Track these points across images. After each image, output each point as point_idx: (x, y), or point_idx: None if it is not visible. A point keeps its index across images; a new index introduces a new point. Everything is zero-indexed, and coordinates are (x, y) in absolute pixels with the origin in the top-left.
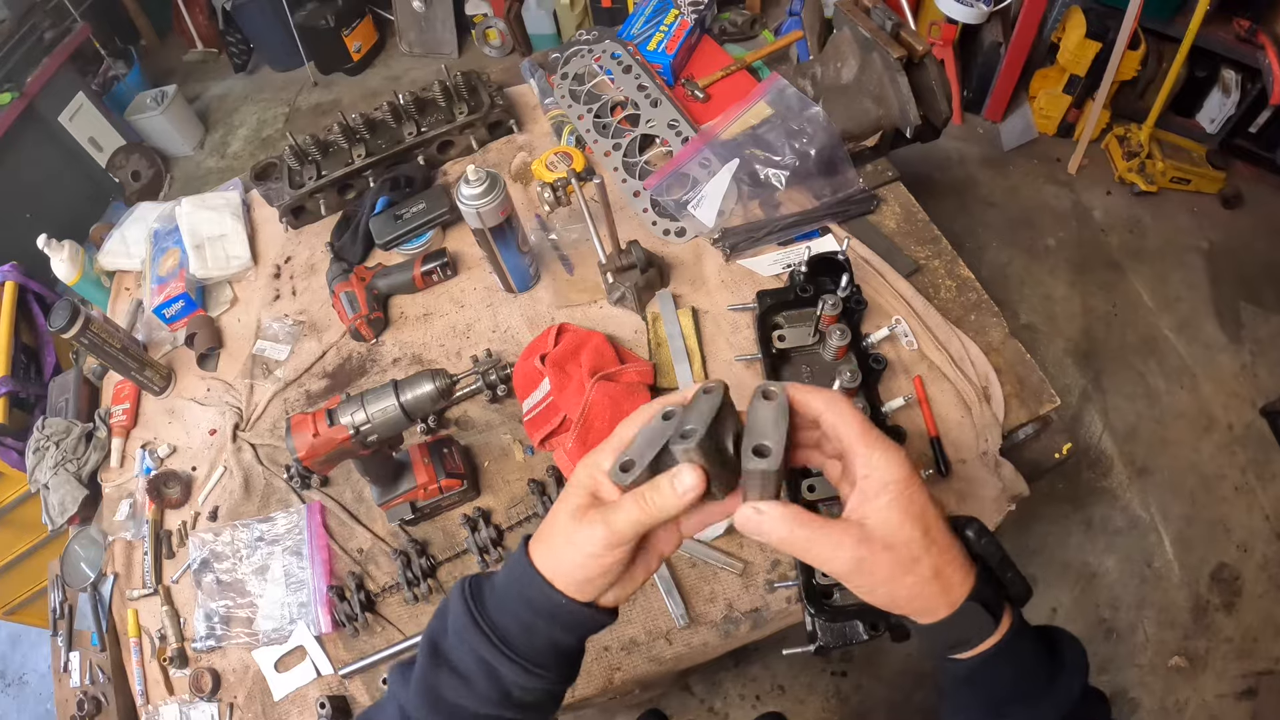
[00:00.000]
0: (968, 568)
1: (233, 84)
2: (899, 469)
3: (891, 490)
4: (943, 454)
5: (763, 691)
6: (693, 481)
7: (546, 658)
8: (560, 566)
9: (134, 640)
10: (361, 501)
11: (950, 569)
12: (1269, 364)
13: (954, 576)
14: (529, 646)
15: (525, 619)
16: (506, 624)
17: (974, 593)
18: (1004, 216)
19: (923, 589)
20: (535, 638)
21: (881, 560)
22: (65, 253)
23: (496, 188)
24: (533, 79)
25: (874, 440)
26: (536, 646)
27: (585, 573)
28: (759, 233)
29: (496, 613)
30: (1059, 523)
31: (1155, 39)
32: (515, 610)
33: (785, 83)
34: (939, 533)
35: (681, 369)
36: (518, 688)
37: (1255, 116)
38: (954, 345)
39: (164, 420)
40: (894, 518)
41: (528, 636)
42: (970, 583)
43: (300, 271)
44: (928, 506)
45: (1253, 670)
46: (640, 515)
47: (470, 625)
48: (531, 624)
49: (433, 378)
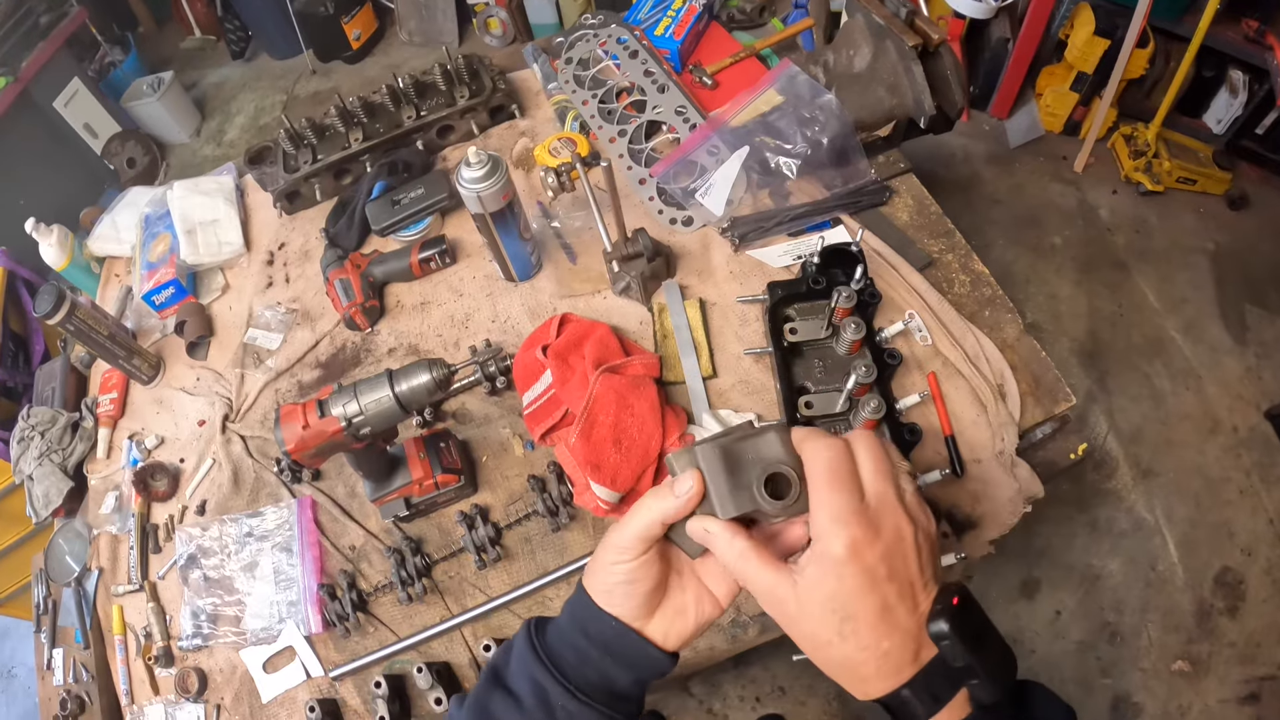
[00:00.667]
0: (901, 667)
1: (230, 71)
2: (836, 541)
3: (823, 563)
4: (957, 453)
5: (763, 693)
6: (689, 484)
7: (597, 690)
8: (595, 578)
9: (119, 638)
10: (354, 497)
11: (868, 667)
12: (1274, 367)
13: (870, 674)
14: (580, 675)
15: (580, 646)
16: (562, 650)
17: (889, 695)
18: (1009, 214)
19: (834, 671)
20: (588, 666)
21: (796, 625)
22: (54, 237)
23: (498, 171)
24: (536, 64)
25: (828, 500)
26: (589, 677)
27: (609, 577)
28: (769, 223)
29: (555, 641)
30: (1064, 524)
31: (1163, 38)
32: (571, 638)
33: (797, 69)
34: (866, 628)
35: (689, 362)
36: (564, 712)
37: (1262, 117)
38: (968, 341)
39: (152, 410)
40: (816, 595)
41: (581, 664)
42: (893, 684)
43: (294, 258)
44: (858, 597)
45: (1255, 675)
46: (648, 514)
47: (528, 650)
48: (585, 651)
49: (430, 368)
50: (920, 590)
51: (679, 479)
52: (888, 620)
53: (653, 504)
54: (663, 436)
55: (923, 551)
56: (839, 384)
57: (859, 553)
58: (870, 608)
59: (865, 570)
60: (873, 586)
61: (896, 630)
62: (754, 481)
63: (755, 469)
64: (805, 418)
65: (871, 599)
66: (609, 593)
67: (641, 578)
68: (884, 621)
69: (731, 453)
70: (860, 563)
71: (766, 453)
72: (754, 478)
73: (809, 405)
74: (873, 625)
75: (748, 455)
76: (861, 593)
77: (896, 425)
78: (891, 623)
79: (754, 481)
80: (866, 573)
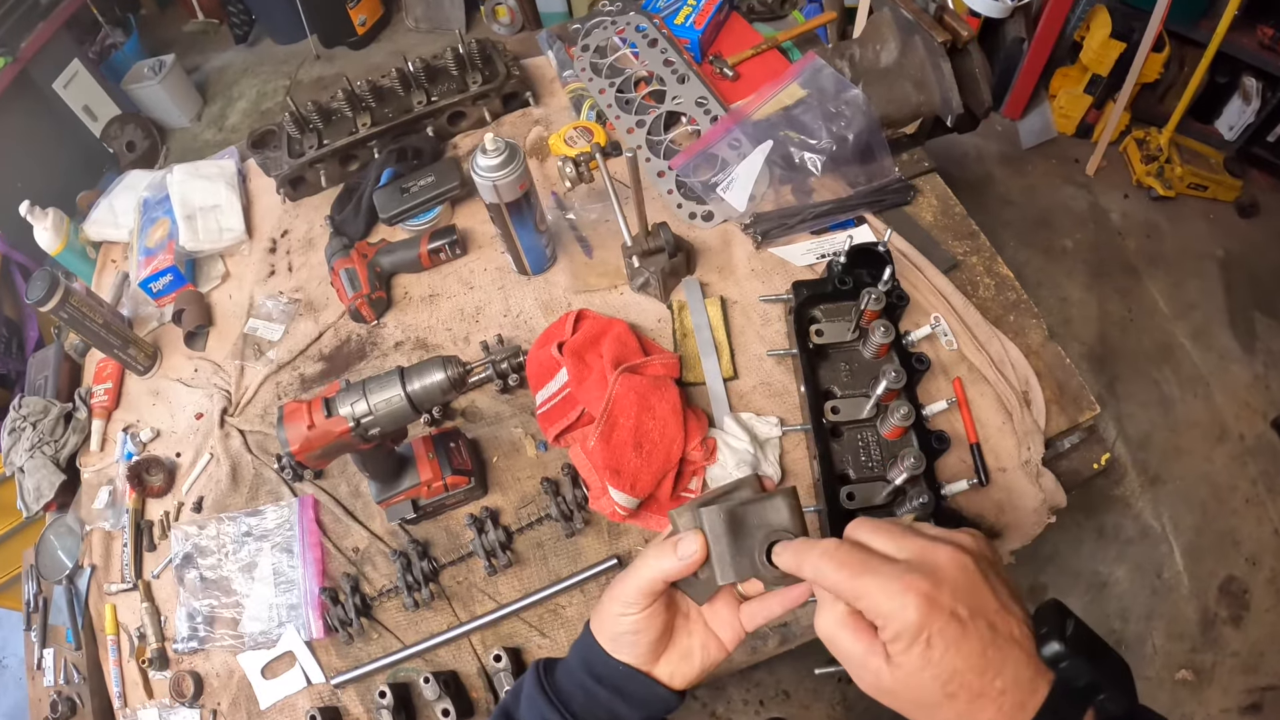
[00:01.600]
0: (1024, 700)
1: (233, 55)
2: (910, 612)
3: (904, 640)
4: (983, 462)
5: (767, 697)
6: (693, 548)
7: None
8: (602, 627)
9: (111, 638)
10: (358, 496)
11: (988, 712)
12: None
13: (992, 716)
14: (590, 714)
15: (588, 686)
16: (572, 691)
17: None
18: (1021, 216)
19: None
20: (596, 707)
21: (900, 699)
22: (49, 221)
23: (516, 159)
24: (550, 50)
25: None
26: (598, 715)
27: (616, 627)
28: (792, 220)
29: (564, 682)
30: (1071, 530)
31: (1178, 42)
32: (579, 678)
33: (822, 63)
34: (973, 676)
35: (709, 362)
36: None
37: (1274, 125)
38: (994, 346)
39: (148, 402)
40: (908, 665)
41: (589, 703)
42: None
43: (297, 246)
44: (952, 648)
45: (1258, 685)
46: (651, 571)
47: (538, 691)
48: (593, 691)
49: (444, 366)
50: (1009, 616)
51: (683, 540)
52: (992, 660)
53: (655, 563)
54: (684, 440)
55: (990, 576)
56: (865, 389)
57: (935, 604)
58: (969, 654)
59: (947, 619)
60: (963, 633)
61: (1006, 665)
62: (756, 548)
63: (759, 534)
64: (831, 423)
65: (966, 645)
66: (615, 640)
67: (646, 628)
68: (989, 663)
69: (736, 516)
70: (940, 615)
71: (771, 518)
72: (757, 543)
73: (835, 410)
74: (980, 671)
75: (751, 520)
76: (954, 644)
77: (924, 432)
78: (998, 661)
79: (756, 548)
80: (951, 622)
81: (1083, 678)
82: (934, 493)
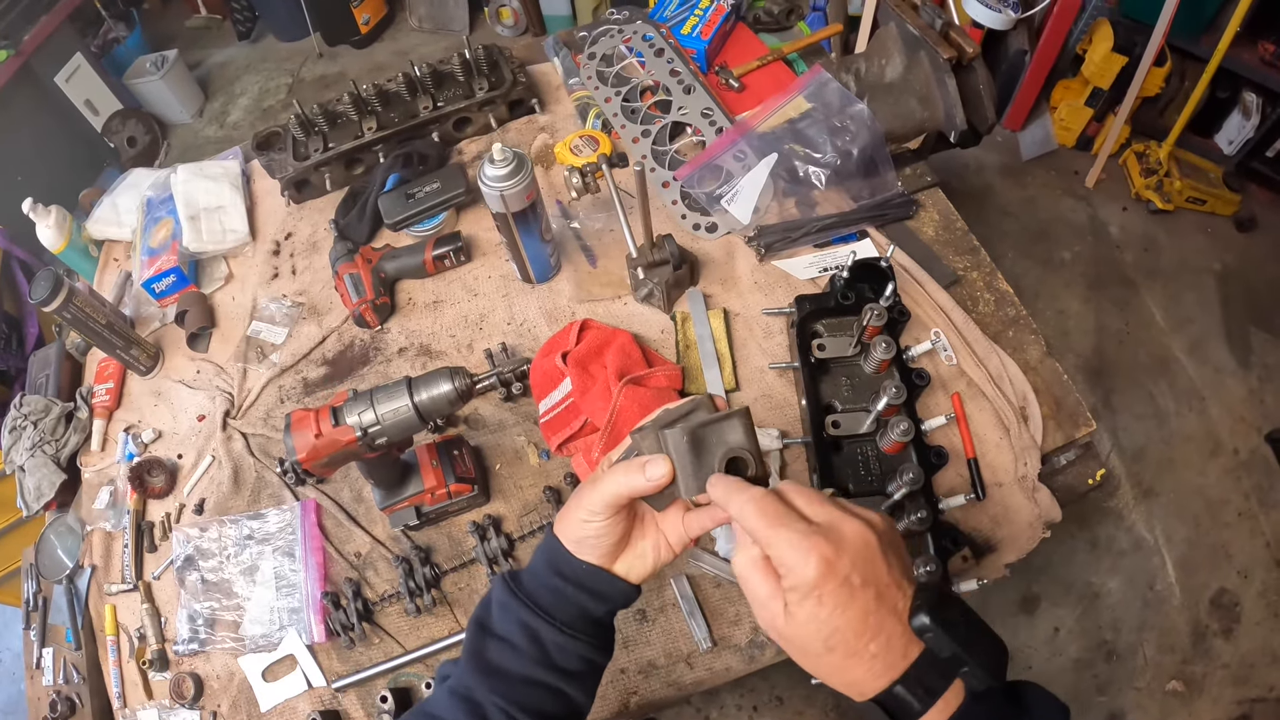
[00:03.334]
0: (891, 665)
1: (235, 52)
2: (809, 569)
3: (799, 592)
4: (979, 477)
5: (760, 702)
6: (661, 471)
7: (578, 621)
8: (568, 531)
9: (111, 639)
10: (361, 501)
11: (858, 670)
12: (1276, 390)
13: (861, 676)
14: (561, 610)
15: (554, 584)
16: (540, 592)
17: (882, 694)
18: (1020, 227)
19: (826, 677)
20: (565, 602)
21: (790, 640)
22: (51, 219)
23: (523, 169)
24: (557, 58)
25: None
26: (569, 611)
27: (581, 532)
28: (796, 233)
29: (530, 584)
30: (1065, 541)
31: (1179, 56)
32: (544, 578)
33: (828, 77)
34: (851, 636)
35: (711, 374)
36: (555, 648)
37: (1274, 140)
38: (992, 362)
39: (149, 403)
40: (800, 616)
41: (558, 600)
42: (885, 682)
43: (301, 249)
44: (839, 613)
45: (1248, 697)
46: (619, 487)
47: (510, 597)
48: (560, 589)
49: (451, 377)
50: (896, 590)
51: (652, 462)
52: (872, 625)
53: (623, 479)
54: None
55: (889, 553)
56: (866, 403)
57: (831, 567)
58: (852, 618)
59: (840, 582)
60: (850, 597)
61: (881, 632)
62: (716, 465)
63: (718, 452)
64: (832, 437)
65: (852, 610)
66: (580, 543)
67: (609, 532)
68: (867, 627)
69: (697, 437)
70: (834, 577)
71: (729, 437)
72: (716, 460)
73: (836, 424)
74: (858, 633)
75: (711, 439)
76: (841, 606)
77: (923, 447)
78: (875, 626)
79: (716, 465)
80: (842, 585)
81: (946, 650)
82: (931, 507)
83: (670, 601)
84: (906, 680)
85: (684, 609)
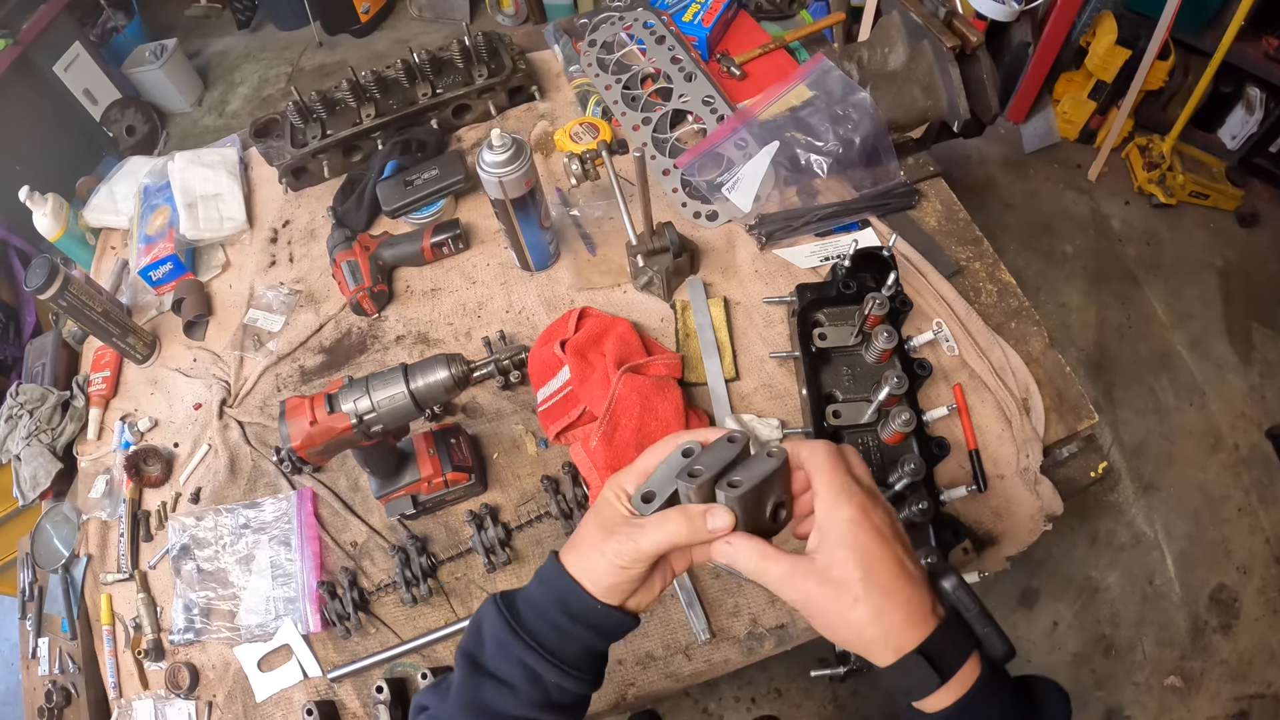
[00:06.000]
0: (924, 618)
1: (235, 41)
2: (848, 508)
3: (839, 527)
4: (981, 468)
5: (759, 694)
6: (725, 522)
7: (582, 660)
8: (592, 574)
9: (107, 628)
10: (357, 490)
11: (896, 616)
12: (1277, 386)
13: (899, 624)
14: (567, 651)
15: (562, 625)
16: (544, 632)
17: (923, 645)
18: (1022, 220)
19: (862, 631)
20: (571, 642)
21: (823, 595)
22: (48, 207)
23: (522, 156)
24: (557, 45)
25: (832, 481)
26: (573, 651)
27: (613, 579)
28: (797, 221)
29: (532, 622)
30: (1065, 535)
31: (1183, 50)
32: (552, 618)
33: (831, 65)
34: (887, 576)
35: (711, 363)
36: (557, 689)
37: (1277, 136)
38: (995, 353)
39: (146, 391)
40: (837, 556)
41: (564, 641)
42: (921, 634)
43: (299, 237)
44: (874, 548)
45: (1245, 693)
46: (666, 540)
47: (510, 635)
48: (568, 630)
49: (448, 364)
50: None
51: (714, 513)
52: (903, 573)
53: (682, 530)
54: None
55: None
56: (867, 393)
57: (867, 513)
58: (888, 559)
59: (875, 528)
60: (884, 543)
61: (913, 581)
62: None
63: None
64: (832, 427)
65: (886, 553)
66: (610, 589)
67: (641, 576)
68: (901, 573)
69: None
70: (870, 521)
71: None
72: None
73: (836, 415)
74: (894, 574)
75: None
76: (877, 546)
77: (924, 438)
78: (908, 574)
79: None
80: (876, 531)
81: (972, 606)
82: (933, 498)
83: (669, 593)
84: (940, 634)
85: (682, 600)
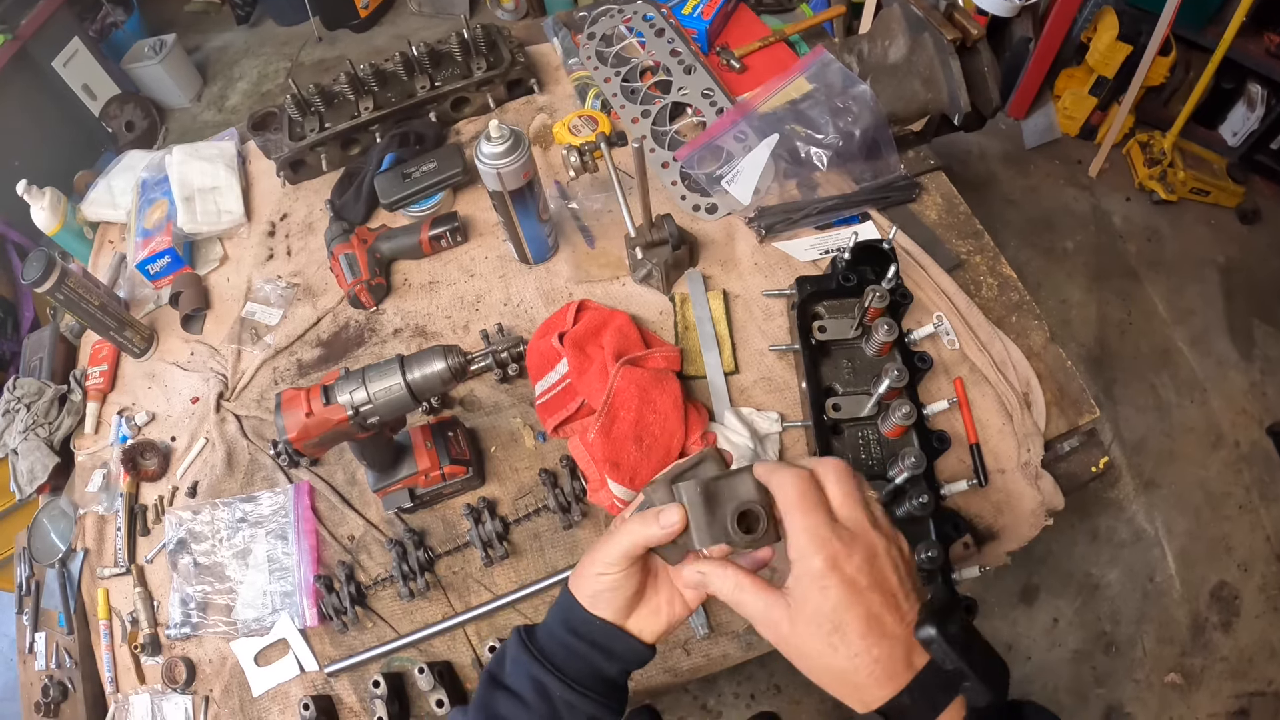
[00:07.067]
0: (894, 675)
1: (234, 36)
2: (816, 558)
3: (806, 579)
4: (982, 463)
5: (758, 690)
6: (674, 518)
7: (589, 678)
8: (580, 586)
9: (104, 623)
10: (354, 484)
11: (861, 674)
12: (1278, 383)
13: (865, 681)
14: (572, 666)
15: (568, 642)
16: (552, 648)
17: (887, 705)
18: (1023, 216)
19: (831, 682)
20: (576, 658)
21: (794, 637)
22: (46, 201)
23: (520, 147)
24: (556, 38)
25: (804, 525)
26: (579, 668)
27: (595, 587)
28: (796, 214)
29: (544, 639)
30: (1065, 532)
31: (1185, 47)
32: (559, 635)
33: (831, 57)
34: (855, 633)
35: (710, 356)
36: (565, 705)
37: (1278, 133)
38: (995, 347)
39: (143, 385)
40: (807, 607)
41: (570, 657)
42: (889, 692)
43: (297, 230)
44: (845, 601)
45: (1246, 691)
46: (628, 539)
47: (522, 651)
48: (573, 646)
49: (445, 355)
50: (903, 600)
51: (665, 511)
52: (875, 628)
53: (638, 529)
54: (685, 434)
55: (899, 566)
56: (867, 386)
57: (838, 564)
58: (857, 616)
59: (846, 581)
60: (856, 596)
61: (885, 638)
62: (728, 517)
63: (730, 505)
64: (832, 421)
65: (857, 608)
66: (594, 598)
67: (623, 585)
68: (872, 629)
69: (710, 490)
70: (840, 574)
71: (740, 491)
72: (728, 514)
73: (836, 408)
74: (861, 633)
75: (724, 493)
76: (847, 603)
77: (925, 432)
78: (880, 630)
79: (728, 517)
80: (848, 583)
81: (950, 663)
82: (933, 492)
83: None
84: (911, 691)
85: None
